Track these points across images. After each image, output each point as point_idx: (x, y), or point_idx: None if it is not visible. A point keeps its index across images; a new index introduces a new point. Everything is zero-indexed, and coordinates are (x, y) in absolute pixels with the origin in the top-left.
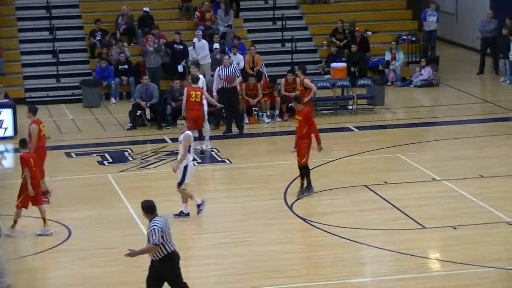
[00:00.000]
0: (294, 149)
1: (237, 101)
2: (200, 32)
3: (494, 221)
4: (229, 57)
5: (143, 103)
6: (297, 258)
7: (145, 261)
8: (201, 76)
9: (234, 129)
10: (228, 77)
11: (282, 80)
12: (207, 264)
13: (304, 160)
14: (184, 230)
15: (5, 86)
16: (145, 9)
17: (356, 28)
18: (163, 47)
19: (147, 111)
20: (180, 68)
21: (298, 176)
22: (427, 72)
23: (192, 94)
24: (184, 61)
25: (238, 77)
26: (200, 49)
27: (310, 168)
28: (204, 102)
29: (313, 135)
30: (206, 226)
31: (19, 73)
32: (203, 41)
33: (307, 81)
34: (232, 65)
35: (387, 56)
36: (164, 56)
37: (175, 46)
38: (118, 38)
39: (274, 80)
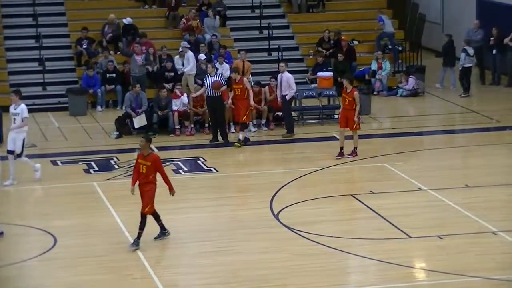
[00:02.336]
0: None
1: (222, 110)
2: (186, 43)
3: (480, 230)
4: (213, 65)
5: (133, 113)
6: (283, 267)
7: (135, 269)
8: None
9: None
10: (214, 83)
11: (266, 88)
12: (192, 273)
13: (148, 208)
14: (169, 239)
15: None
16: (126, 21)
17: (343, 38)
18: (151, 56)
19: (137, 119)
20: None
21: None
22: (411, 82)
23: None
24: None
25: (223, 85)
26: (185, 61)
27: (291, 180)
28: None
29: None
30: (191, 235)
31: (5, 80)
32: (189, 52)
33: (356, 94)
34: (218, 74)
35: (373, 66)
36: (151, 65)
37: (167, 63)
38: (104, 47)
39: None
